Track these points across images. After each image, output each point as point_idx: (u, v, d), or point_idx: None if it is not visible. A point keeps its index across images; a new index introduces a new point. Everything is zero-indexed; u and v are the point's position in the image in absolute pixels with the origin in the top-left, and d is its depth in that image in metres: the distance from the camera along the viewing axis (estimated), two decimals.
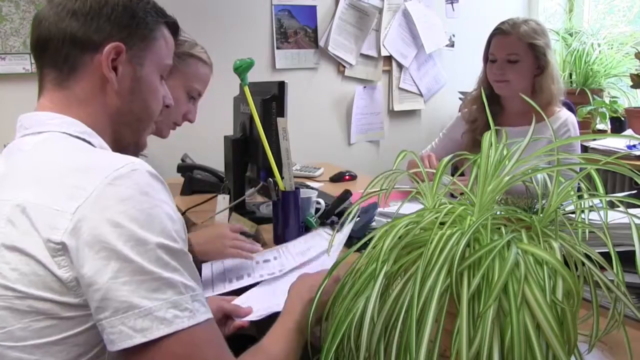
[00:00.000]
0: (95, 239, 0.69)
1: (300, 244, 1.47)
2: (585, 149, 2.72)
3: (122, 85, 0.89)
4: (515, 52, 1.90)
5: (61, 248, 0.70)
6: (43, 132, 0.83)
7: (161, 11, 0.96)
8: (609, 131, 3.13)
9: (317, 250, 1.37)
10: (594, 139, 2.83)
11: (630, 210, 0.82)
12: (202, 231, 1.40)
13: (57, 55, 0.86)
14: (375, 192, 0.91)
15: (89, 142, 0.84)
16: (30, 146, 0.82)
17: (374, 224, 1.52)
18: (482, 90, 1.78)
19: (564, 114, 1.94)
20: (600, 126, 3.17)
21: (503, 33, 1.94)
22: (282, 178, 1.56)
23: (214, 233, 1.36)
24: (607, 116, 3.11)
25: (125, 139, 0.93)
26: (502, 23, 1.97)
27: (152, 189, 0.74)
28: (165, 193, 0.76)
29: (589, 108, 3.07)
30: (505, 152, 0.83)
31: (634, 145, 2.70)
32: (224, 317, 1.14)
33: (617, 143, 2.78)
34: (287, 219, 1.55)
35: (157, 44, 0.94)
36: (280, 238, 1.56)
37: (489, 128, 1.90)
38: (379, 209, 1.54)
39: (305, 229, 1.63)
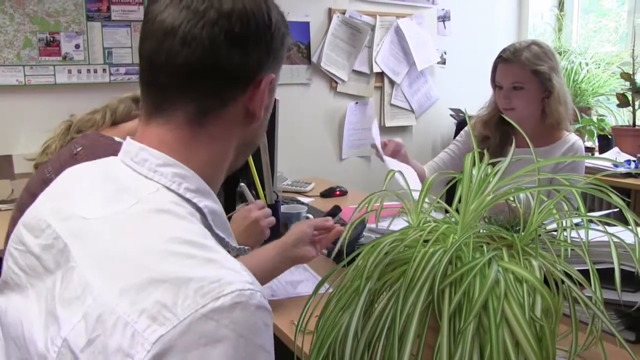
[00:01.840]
0: None
1: (285, 272, 1.47)
2: None
3: (262, 118, 0.76)
4: (520, 80, 1.89)
5: None
6: (150, 180, 0.70)
7: (285, 19, 0.79)
8: (597, 148, 3.18)
9: (309, 287, 1.39)
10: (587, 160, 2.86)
11: (612, 229, 0.85)
12: (233, 222, 1.35)
13: (204, 88, 0.70)
14: (365, 213, 0.93)
15: (199, 208, 0.70)
16: (131, 201, 0.68)
17: (362, 239, 1.54)
18: (482, 116, 1.80)
19: (572, 137, 1.94)
20: (588, 143, 3.21)
21: (505, 61, 1.92)
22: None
23: (245, 222, 1.34)
24: (595, 134, 3.16)
25: (237, 165, 0.81)
26: (504, 50, 1.94)
27: (252, 332, 0.59)
28: (266, 332, 0.61)
29: (577, 126, 3.11)
30: (489, 171, 0.86)
31: (621, 163, 2.74)
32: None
33: (605, 160, 2.82)
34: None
35: (284, 60, 0.80)
36: None
37: (501, 147, 1.91)
38: (368, 225, 1.56)
39: None
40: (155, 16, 0.70)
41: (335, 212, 1.78)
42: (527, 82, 1.88)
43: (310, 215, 1.78)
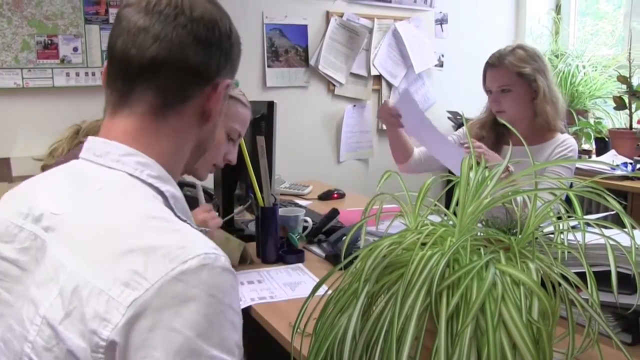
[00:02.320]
0: (145, 343, 0.60)
1: (283, 274, 1.50)
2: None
3: (216, 120, 0.84)
4: (506, 83, 1.96)
5: (106, 346, 0.61)
6: (113, 169, 0.75)
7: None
8: (594, 151, 3.19)
9: (308, 289, 1.40)
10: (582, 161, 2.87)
11: (608, 231, 0.85)
12: None
13: (169, 81, 0.77)
14: (366, 218, 0.94)
15: (161, 192, 0.76)
16: (96, 187, 0.73)
17: (359, 242, 1.54)
18: (479, 119, 1.89)
19: (564, 137, 1.99)
20: (585, 146, 3.22)
21: (492, 66, 2.00)
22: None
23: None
24: (592, 137, 3.17)
25: (189, 166, 0.87)
26: (491, 56, 2.02)
27: (221, 292, 0.64)
28: (233, 293, 0.66)
29: (574, 128, 3.12)
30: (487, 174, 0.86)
31: (617, 166, 2.75)
32: None
33: (602, 163, 2.83)
34: (265, 235, 1.59)
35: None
36: (261, 253, 1.60)
37: (495, 146, 1.97)
38: (366, 228, 1.56)
39: (288, 244, 1.66)
40: (130, 17, 0.77)
41: (333, 215, 1.79)
42: (513, 85, 1.95)
43: (308, 219, 1.78)
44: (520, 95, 1.95)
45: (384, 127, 3.44)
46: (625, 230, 0.79)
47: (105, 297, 0.62)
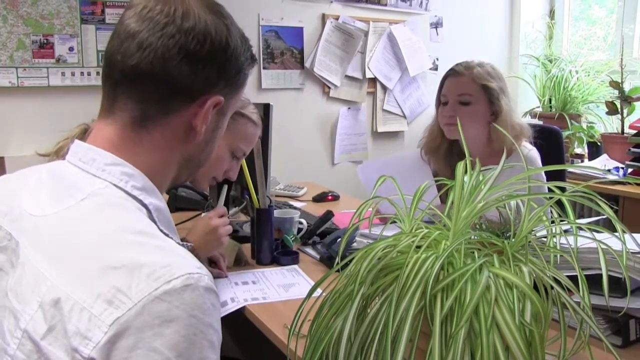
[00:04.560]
0: None
1: (277, 276, 1.51)
2: (563, 172, 2.78)
3: (204, 136, 0.80)
4: (468, 93, 1.82)
5: None
6: (98, 178, 0.74)
7: (254, 54, 0.84)
8: (586, 155, 3.22)
9: (301, 290, 1.41)
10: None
11: (600, 235, 0.87)
12: (195, 229, 1.40)
13: (150, 93, 0.75)
14: (361, 220, 0.94)
15: (144, 205, 0.74)
16: (80, 196, 0.71)
17: (354, 244, 1.55)
18: (428, 144, 1.92)
19: (524, 149, 1.81)
20: (577, 150, 3.25)
21: (456, 74, 1.86)
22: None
23: (206, 229, 1.39)
24: (584, 141, 3.19)
25: (181, 180, 0.86)
26: (457, 65, 1.89)
27: (202, 312, 0.63)
28: (214, 312, 0.66)
29: (567, 133, 3.15)
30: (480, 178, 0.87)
31: (609, 170, 2.78)
32: None
33: (596, 165, 2.86)
34: (260, 236, 1.60)
35: (242, 90, 0.84)
36: (256, 255, 1.61)
37: (452, 177, 1.88)
38: (360, 231, 1.57)
39: (283, 246, 1.67)
40: (124, 20, 0.76)
41: (327, 217, 1.79)
42: (475, 96, 1.82)
43: (303, 221, 1.79)
44: (479, 111, 1.81)
45: (379, 129, 3.47)
46: (617, 234, 0.80)
47: (87, 314, 0.61)
